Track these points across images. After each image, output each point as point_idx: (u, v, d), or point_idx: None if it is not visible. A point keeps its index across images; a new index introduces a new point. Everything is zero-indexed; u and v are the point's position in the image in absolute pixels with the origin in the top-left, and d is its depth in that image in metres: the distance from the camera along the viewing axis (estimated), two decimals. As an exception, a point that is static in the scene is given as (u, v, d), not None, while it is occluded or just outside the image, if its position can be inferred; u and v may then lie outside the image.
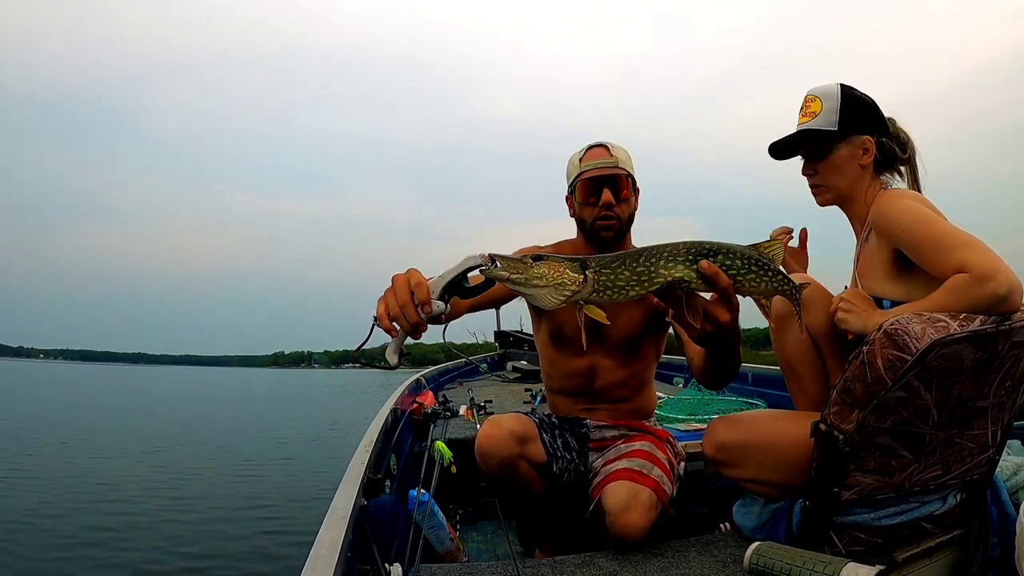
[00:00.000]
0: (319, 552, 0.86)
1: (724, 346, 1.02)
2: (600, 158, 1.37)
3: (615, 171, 1.36)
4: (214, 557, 3.53)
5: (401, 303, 0.83)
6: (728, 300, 0.90)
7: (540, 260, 0.86)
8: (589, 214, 1.39)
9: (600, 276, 0.88)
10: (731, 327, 0.92)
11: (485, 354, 6.48)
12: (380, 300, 0.86)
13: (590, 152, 1.40)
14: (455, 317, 1.25)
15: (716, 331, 0.92)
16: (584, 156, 1.40)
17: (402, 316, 0.83)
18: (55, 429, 9.62)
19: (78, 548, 3.63)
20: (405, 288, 0.84)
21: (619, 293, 0.89)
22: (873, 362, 0.91)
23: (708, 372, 1.18)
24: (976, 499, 1.09)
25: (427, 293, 0.83)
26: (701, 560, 1.10)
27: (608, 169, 1.36)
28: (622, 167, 1.37)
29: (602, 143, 1.40)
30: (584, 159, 1.39)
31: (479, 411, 2.58)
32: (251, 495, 5.13)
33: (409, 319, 0.83)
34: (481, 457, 1.31)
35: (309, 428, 11.09)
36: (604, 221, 1.37)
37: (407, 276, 0.85)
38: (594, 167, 1.37)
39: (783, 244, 0.91)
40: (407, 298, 0.83)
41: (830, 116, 1.16)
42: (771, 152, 1.25)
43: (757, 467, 1.15)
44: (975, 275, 0.92)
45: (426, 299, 0.83)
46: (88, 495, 4.96)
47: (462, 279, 0.88)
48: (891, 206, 1.08)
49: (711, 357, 1.11)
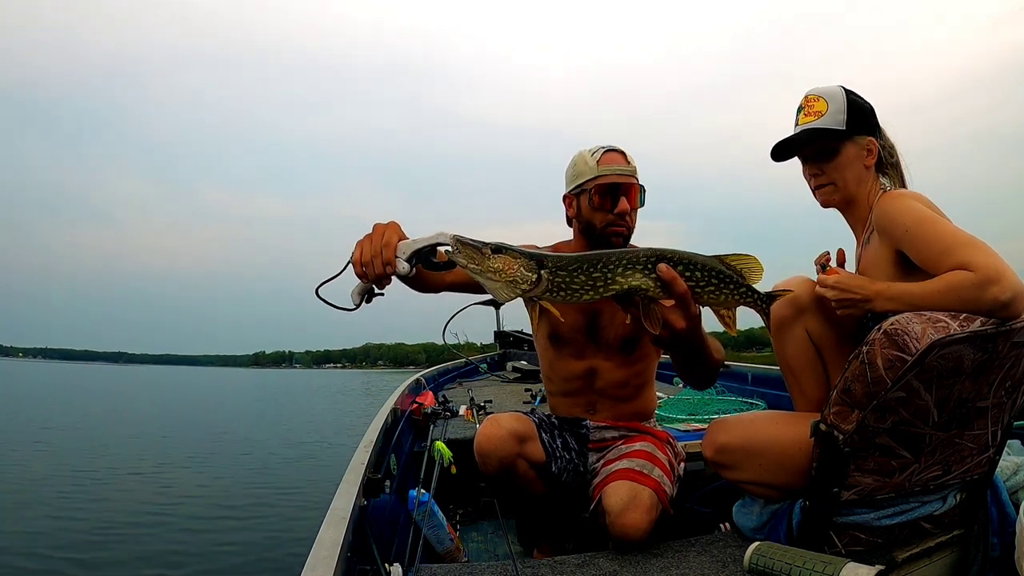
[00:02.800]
0: (319, 552, 0.86)
1: (685, 351, 1.02)
2: (620, 164, 1.34)
3: (632, 179, 1.34)
4: (214, 557, 3.52)
5: (372, 255, 0.93)
6: (685, 307, 0.90)
7: (499, 252, 0.88)
8: (601, 219, 1.35)
9: (555, 277, 0.89)
10: (688, 334, 0.93)
11: (485, 354, 6.48)
12: (357, 244, 0.96)
13: (608, 156, 1.35)
14: (436, 290, 1.28)
15: (672, 337, 0.92)
16: (602, 159, 1.35)
17: (371, 266, 0.93)
18: (49, 429, 9.62)
19: (76, 549, 3.63)
20: (379, 241, 0.94)
21: (572, 296, 0.90)
22: (873, 362, 0.91)
23: (681, 373, 1.19)
24: (976, 499, 1.09)
25: (392, 254, 0.93)
26: (701, 560, 1.10)
27: (627, 177, 1.33)
28: (637, 177, 1.35)
29: (618, 148, 1.36)
30: (602, 162, 1.34)
31: (479, 411, 2.58)
32: (250, 495, 5.13)
33: (376, 270, 0.93)
34: (480, 456, 1.31)
35: (306, 427, 11.09)
36: (616, 227, 1.34)
37: (384, 229, 0.95)
38: (614, 173, 1.33)
39: (754, 261, 0.91)
40: (378, 251, 0.93)
41: (837, 116, 1.16)
42: (774, 152, 1.24)
43: (757, 470, 1.15)
44: (979, 276, 0.91)
45: (391, 260, 0.93)
46: (82, 496, 4.95)
47: (430, 252, 0.95)
48: (894, 206, 1.07)
49: (676, 361, 1.12)
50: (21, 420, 10.94)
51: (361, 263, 0.94)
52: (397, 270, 0.94)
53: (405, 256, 0.94)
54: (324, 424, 11.70)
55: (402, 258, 0.94)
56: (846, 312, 1.08)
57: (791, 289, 1.13)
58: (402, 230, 0.97)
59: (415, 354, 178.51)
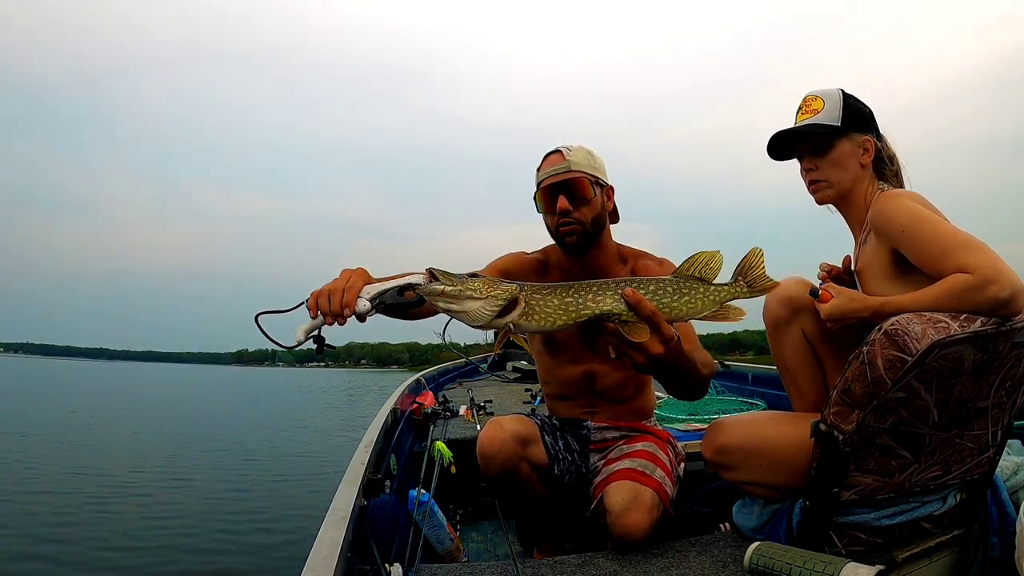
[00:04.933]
0: (319, 552, 0.86)
1: (669, 374, 1.00)
2: (553, 165, 1.34)
3: (569, 175, 1.32)
4: (213, 558, 3.52)
5: (330, 290, 0.93)
6: (658, 329, 0.89)
7: (475, 277, 0.89)
8: (551, 222, 1.36)
9: (530, 300, 0.90)
10: (667, 357, 0.91)
11: (485, 354, 6.48)
12: (321, 291, 0.95)
13: (546, 160, 1.37)
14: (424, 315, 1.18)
15: (651, 363, 0.91)
16: (541, 165, 1.37)
17: (328, 301, 0.92)
18: (50, 425, 9.61)
19: (76, 550, 3.63)
20: (343, 282, 0.94)
21: (546, 320, 0.90)
22: (873, 362, 0.91)
23: (668, 390, 1.14)
24: (976, 499, 1.09)
25: (354, 296, 0.92)
26: (701, 560, 1.10)
27: (561, 175, 1.32)
28: (576, 169, 1.32)
29: (558, 148, 1.36)
30: (541, 168, 1.37)
31: (479, 411, 2.58)
32: (249, 494, 5.13)
33: (333, 308, 0.91)
34: (483, 459, 1.30)
35: (302, 427, 11.08)
36: (565, 227, 1.33)
37: (351, 274, 0.95)
38: (547, 175, 1.34)
39: (713, 256, 0.91)
40: (339, 290, 0.92)
41: (833, 113, 1.17)
42: (770, 149, 1.25)
43: (756, 470, 1.15)
44: (978, 278, 0.91)
45: (350, 301, 0.91)
46: (80, 495, 4.95)
47: (397, 293, 0.94)
48: (891, 206, 1.07)
49: (661, 381, 1.08)
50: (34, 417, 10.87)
51: (317, 298, 0.92)
52: (356, 310, 0.91)
53: (369, 296, 0.93)
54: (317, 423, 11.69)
55: (365, 297, 0.92)
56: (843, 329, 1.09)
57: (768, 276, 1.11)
58: (369, 275, 0.97)
59: (398, 353, 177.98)
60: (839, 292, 1.08)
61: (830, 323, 1.09)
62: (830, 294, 1.09)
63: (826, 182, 1.19)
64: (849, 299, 1.06)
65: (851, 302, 1.06)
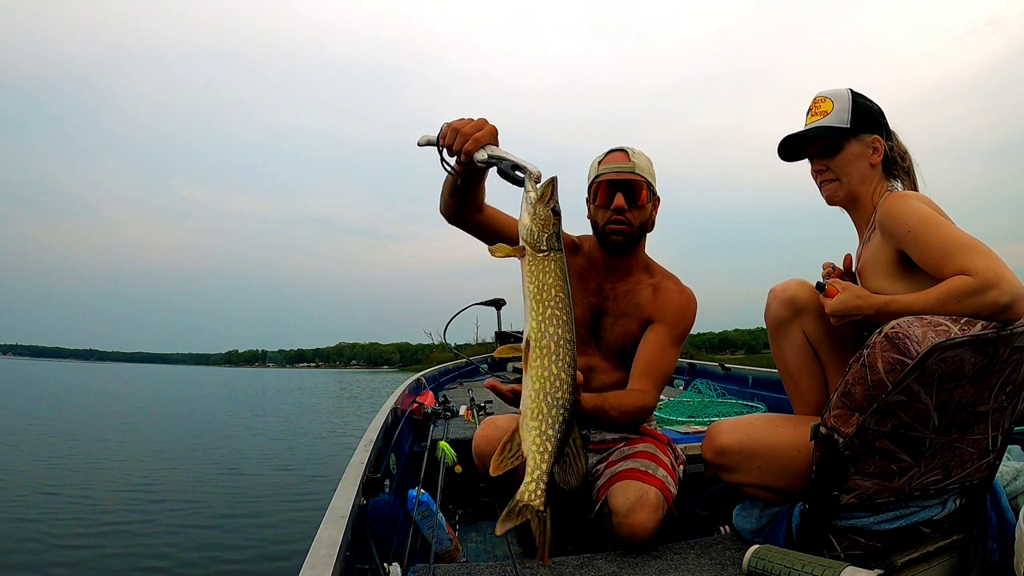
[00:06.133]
0: (318, 551, 0.86)
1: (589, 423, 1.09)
2: (618, 162, 1.37)
3: (631, 176, 1.35)
4: (212, 557, 3.52)
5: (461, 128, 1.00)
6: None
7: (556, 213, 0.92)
8: (602, 217, 1.38)
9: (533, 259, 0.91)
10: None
11: (485, 354, 6.48)
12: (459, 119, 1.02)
13: (610, 156, 1.40)
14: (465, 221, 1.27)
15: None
16: (603, 159, 1.40)
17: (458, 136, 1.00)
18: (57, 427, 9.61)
19: (76, 548, 3.63)
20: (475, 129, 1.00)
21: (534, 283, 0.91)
22: (874, 365, 0.91)
23: None
24: (976, 504, 1.09)
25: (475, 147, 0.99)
26: (700, 562, 1.10)
27: (624, 174, 1.35)
28: (639, 173, 1.36)
29: (623, 148, 1.39)
30: (603, 162, 1.39)
31: (479, 411, 2.58)
32: (249, 494, 5.13)
33: (459, 142, 1.00)
34: (479, 458, 1.31)
35: (297, 426, 11.07)
36: (615, 225, 1.36)
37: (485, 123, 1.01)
38: (611, 171, 1.36)
39: None
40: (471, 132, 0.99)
41: (842, 114, 1.17)
42: (781, 150, 1.25)
43: (756, 472, 1.15)
44: (979, 281, 0.91)
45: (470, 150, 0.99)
46: (79, 495, 4.95)
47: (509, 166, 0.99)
48: (897, 206, 1.07)
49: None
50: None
51: (451, 128, 1.01)
52: (475, 155, 0.99)
53: (489, 152, 1.00)
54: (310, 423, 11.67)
55: (486, 151, 1.00)
56: (845, 325, 1.09)
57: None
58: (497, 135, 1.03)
59: (389, 354, 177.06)
60: (845, 288, 1.08)
61: (834, 319, 1.09)
62: (836, 289, 1.09)
63: (837, 183, 1.20)
64: (855, 296, 1.06)
65: (856, 299, 1.06)
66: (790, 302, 1.18)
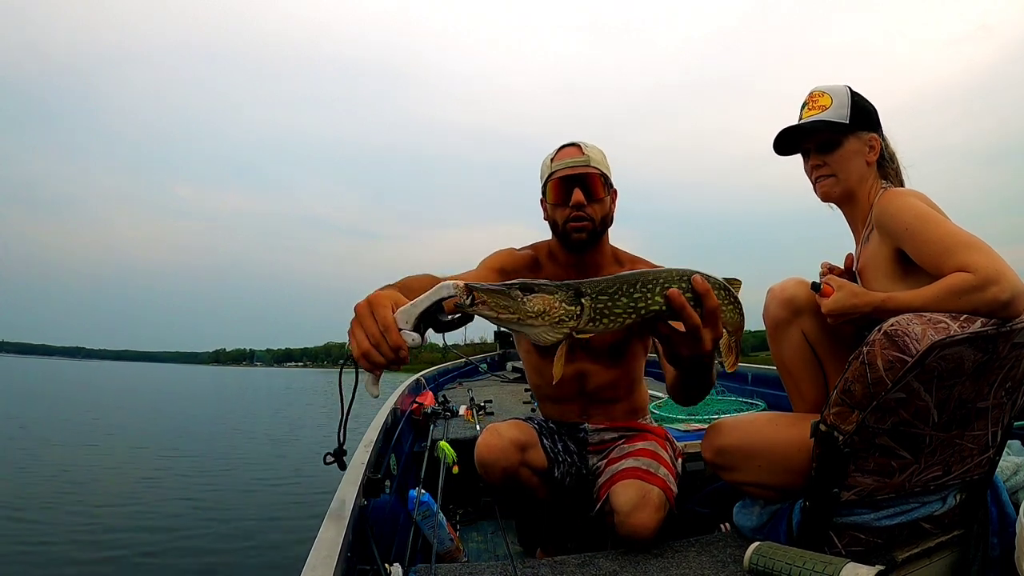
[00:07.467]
0: (319, 552, 0.86)
1: (699, 372, 0.98)
2: (571, 157, 1.32)
3: (587, 170, 1.30)
4: (212, 558, 3.52)
5: (374, 342, 0.75)
6: (715, 325, 0.86)
7: (531, 292, 0.78)
8: (561, 215, 1.34)
9: (597, 303, 0.82)
10: (711, 355, 0.89)
11: (485, 354, 6.48)
12: (351, 335, 0.78)
13: (562, 152, 1.34)
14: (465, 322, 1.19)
15: (694, 358, 0.88)
16: (555, 156, 1.35)
17: (377, 354, 0.75)
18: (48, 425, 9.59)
19: (74, 549, 3.63)
20: (374, 325, 0.76)
21: (615, 322, 0.83)
22: (873, 363, 0.91)
23: (679, 391, 1.14)
24: (976, 499, 1.09)
25: (396, 336, 0.75)
26: (701, 560, 1.10)
27: (579, 168, 1.30)
28: (594, 166, 1.31)
29: (575, 142, 1.35)
30: (555, 159, 1.34)
31: (479, 411, 2.58)
32: (248, 495, 5.12)
33: (386, 357, 0.75)
34: (482, 467, 1.29)
35: (294, 426, 11.05)
36: (576, 223, 1.31)
37: (371, 308, 0.77)
38: (565, 166, 1.31)
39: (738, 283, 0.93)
40: (378, 337, 0.75)
41: (841, 110, 1.17)
42: (777, 143, 1.23)
43: (756, 471, 1.15)
44: (978, 278, 0.91)
45: (398, 342, 0.75)
46: (79, 495, 4.94)
47: (436, 310, 0.78)
48: (895, 204, 1.07)
49: (683, 380, 1.07)
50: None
51: (365, 358, 0.76)
52: (409, 345, 0.76)
53: (410, 326, 0.77)
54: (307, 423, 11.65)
55: (407, 330, 0.76)
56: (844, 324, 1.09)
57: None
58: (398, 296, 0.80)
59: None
60: (841, 286, 1.08)
61: (831, 318, 1.09)
62: (832, 288, 1.09)
63: (834, 179, 1.19)
64: (851, 294, 1.06)
65: (853, 297, 1.05)
66: (788, 302, 1.18)
